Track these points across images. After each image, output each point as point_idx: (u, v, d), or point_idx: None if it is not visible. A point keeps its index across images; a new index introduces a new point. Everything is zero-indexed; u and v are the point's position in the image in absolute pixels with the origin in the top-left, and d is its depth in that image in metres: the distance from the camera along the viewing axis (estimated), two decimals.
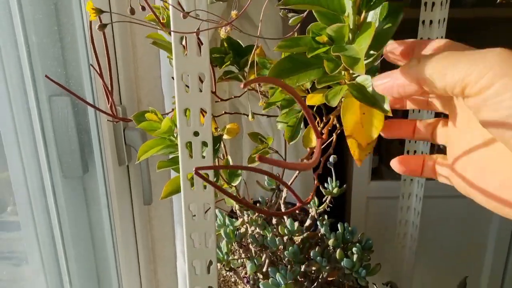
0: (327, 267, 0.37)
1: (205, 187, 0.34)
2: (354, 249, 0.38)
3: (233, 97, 0.47)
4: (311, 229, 0.49)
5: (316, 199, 0.47)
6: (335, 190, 0.46)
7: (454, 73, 0.17)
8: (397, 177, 0.72)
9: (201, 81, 0.32)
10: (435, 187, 0.83)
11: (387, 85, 0.22)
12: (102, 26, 0.26)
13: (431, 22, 0.63)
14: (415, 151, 0.70)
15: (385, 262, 0.76)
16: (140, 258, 0.73)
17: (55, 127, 0.59)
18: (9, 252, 0.64)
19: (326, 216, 0.48)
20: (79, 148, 0.61)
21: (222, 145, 0.53)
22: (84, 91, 0.59)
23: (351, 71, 0.26)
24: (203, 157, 0.33)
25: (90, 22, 0.33)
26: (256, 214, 0.45)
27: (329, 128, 0.39)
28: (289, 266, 0.37)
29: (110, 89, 0.43)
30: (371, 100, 0.24)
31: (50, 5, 0.54)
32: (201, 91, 0.31)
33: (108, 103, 0.45)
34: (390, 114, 0.24)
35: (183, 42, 0.30)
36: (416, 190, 0.71)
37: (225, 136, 0.53)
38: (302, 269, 0.39)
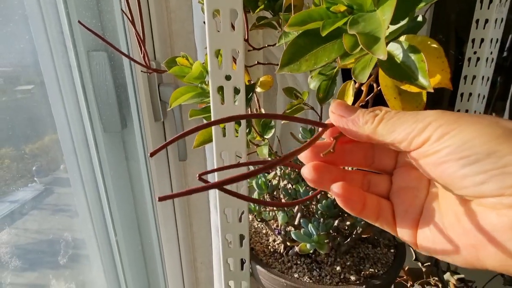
0: (362, 222, 0.35)
1: (236, 136, 0.33)
2: None
3: (266, 45, 0.45)
4: None
5: None
6: None
7: (400, 130, 0.20)
8: None
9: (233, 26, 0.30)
10: None
11: (342, 121, 0.22)
12: None
13: None
14: (467, 111, 0.63)
15: None
16: (176, 211, 0.77)
17: (94, 82, 0.60)
18: (65, 205, 0.69)
19: None
20: (117, 103, 0.62)
21: (256, 99, 0.51)
22: (119, 44, 0.60)
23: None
24: (235, 102, 0.31)
25: None
26: (290, 168, 0.43)
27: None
28: (321, 219, 0.36)
29: (142, 38, 0.43)
30: (405, 72, 0.20)
31: None
32: (233, 30, 0.29)
33: (141, 53, 0.44)
34: (431, 90, 0.20)
35: None
36: None
37: (258, 89, 0.51)
38: (336, 224, 0.38)
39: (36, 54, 0.54)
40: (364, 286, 0.34)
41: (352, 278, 0.36)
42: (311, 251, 0.37)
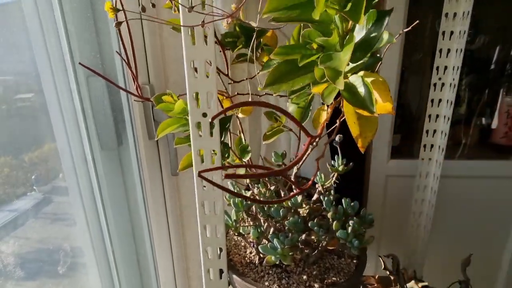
0: (322, 236, 0.41)
1: (213, 162, 0.38)
2: (350, 222, 0.41)
3: (245, 79, 0.50)
4: (318, 203, 0.52)
5: (322, 175, 0.50)
6: (340, 168, 0.48)
7: None
8: (417, 156, 0.72)
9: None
10: (453, 166, 0.83)
11: None
12: (118, 24, 0.30)
13: None
14: (434, 131, 0.69)
15: (403, 239, 0.78)
16: (169, 222, 0.81)
17: (93, 104, 0.66)
18: (62, 214, 0.73)
19: (332, 192, 0.51)
20: (114, 123, 0.68)
21: (238, 123, 0.57)
22: (116, 72, 0.65)
23: (347, 69, 0.28)
24: (211, 135, 0.37)
25: (116, 16, 0.37)
26: (265, 188, 0.49)
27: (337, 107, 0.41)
28: (290, 234, 0.41)
29: (135, 74, 0.48)
30: (360, 100, 0.26)
31: None
32: (208, 77, 0.34)
33: (135, 85, 0.50)
34: (376, 115, 0.26)
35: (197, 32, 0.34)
36: (434, 169, 0.71)
37: (240, 115, 0.57)
38: (303, 238, 0.43)
39: (40, 79, 0.60)
40: None
41: (316, 285, 0.41)
42: (283, 262, 0.42)
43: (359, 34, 0.26)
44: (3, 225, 0.58)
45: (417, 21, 0.42)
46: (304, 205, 0.49)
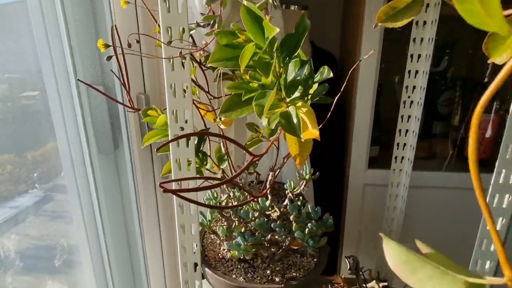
0: (283, 236, 0.47)
1: (189, 169, 0.45)
2: (309, 225, 0.47)
3: (225, 95, 0.57)
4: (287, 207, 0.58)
5: (292, 183, 0.57)
6: (307, 176, 0.54)
7: None
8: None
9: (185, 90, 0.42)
10: (421, 177, 0.89)
11: None
12: (108, 58, 0.37)
13: (425, 22, 0.67)
14: (404, 144, 0.75)
15: (378, 243, 0.84)
16: (161, 224, 0.87)
17: (92, 111, 0.72)
18: (62, 212, 0.78)
19: (301, 198, 0.57)
20: (111, 129, 0.74)
21: (222, 132, 0.63)
22: (114, 83, 0.72)
23: (287, 101, 0.34)
24: (188, 146, 0.43)
25: (114, 45, 0.44)
26: (241, 192, 0.55)
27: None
28: (256, 233, 0.47)
29: (128, 89, 0.55)
30: (292, 127, 0.32)
31: (88, 9, 0.67)
32: (185, 97, 0.41)
33: (128, 98, 0.57)
34: (303, 141, 0.32)
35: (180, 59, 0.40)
36: (404, 180, 0.76)
37: (222, 126, 0.63)
38: (269, 237, 0.49)
39: (44, 88, 0.67)
40: (282, 285, 0.45)
41: (277, 279, 0.47)
42: (250, 258, 0.48)
43: (291, 75, 0.32)
44: (5, 221, 0.62)
45: (372, 51, 0.49)
46: (275, 209, 0.55)
